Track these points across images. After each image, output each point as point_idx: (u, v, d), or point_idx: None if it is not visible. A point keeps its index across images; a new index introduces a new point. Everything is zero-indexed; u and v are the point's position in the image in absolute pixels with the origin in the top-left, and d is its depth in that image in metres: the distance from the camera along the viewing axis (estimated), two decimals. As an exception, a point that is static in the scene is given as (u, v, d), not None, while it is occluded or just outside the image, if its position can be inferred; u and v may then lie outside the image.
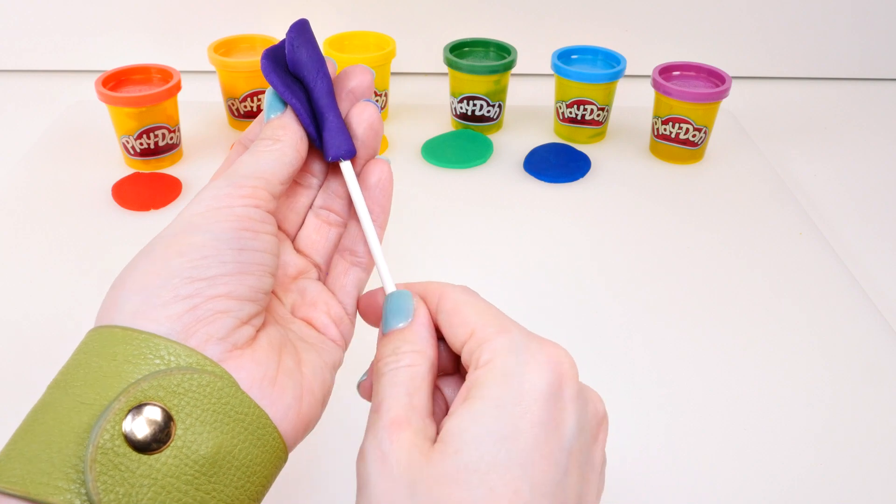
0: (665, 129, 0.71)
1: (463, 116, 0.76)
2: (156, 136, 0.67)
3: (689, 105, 0.69)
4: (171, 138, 0.68)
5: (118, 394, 0.24)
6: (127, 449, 0.23)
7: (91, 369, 0.25)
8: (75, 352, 0.26)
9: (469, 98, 0.74)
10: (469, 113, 0.75)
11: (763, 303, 0.55)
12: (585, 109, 0.73)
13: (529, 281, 0.57)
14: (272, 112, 0.31)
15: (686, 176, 0.70)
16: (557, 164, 0.70)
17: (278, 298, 0.32)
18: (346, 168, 0.32)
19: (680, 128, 0.70)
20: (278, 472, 0.28)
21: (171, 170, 0.68)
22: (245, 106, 0.74)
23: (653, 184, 0.69)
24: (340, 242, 0.34)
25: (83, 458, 0.23)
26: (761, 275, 0.58)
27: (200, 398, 0.25)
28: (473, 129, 0.76)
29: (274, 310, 0.31)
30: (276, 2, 0.84)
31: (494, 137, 0.75)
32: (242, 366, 0.26)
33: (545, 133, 0.77)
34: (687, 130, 0.70)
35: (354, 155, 0.32)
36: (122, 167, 0.69)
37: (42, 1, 0.83)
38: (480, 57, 0.76)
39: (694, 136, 0.70)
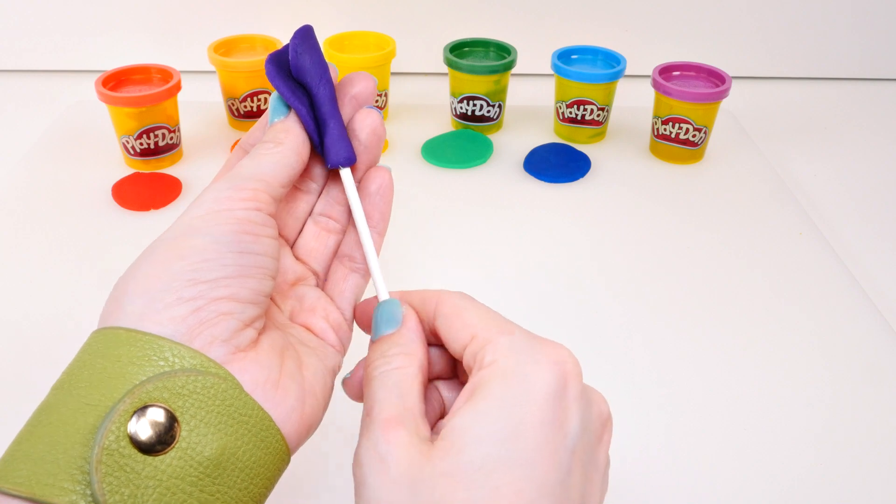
0: (665, 129, 0.71)
1: (463, 116, 0.76)
2: (156, 136, 0.67)
3: (689, 105, 0.69)
4: (171, 138, 0.68)
5: (123, 395, 0.24)
6: (132, 450, 0.23)
7: (95, 371, 0.25)
8: (79, 353, 0.26)
9: (469, 98, 0.74)
10: (469, 113, 0.75)
11: (763, 303, 0.55)
12: (585, 109, 0.73)
13: (529, 281, 0.57)
14: (276, 116, 0.32)
15: (686, 176, 0.70)
16: (557, 164, 0.70)
17: (277, 305, 0.32)
18: (346, 175, 0.32)
19: (680, 128, 0.70)
20: (281, 474, 0.28)
21: (171, 170, 0.68)
22: (245, 106, 0.74)
23: (653, 184, 0.69)
24: (339, 249, 0.34)
25: (88, 460, 0.23)
26: (761, 275, 0.58)
27: (205, 400, 0.25)
28: (473, 129, 0.76)
29: (273, 316, 0.31)
30: (276, 2, 0.84)
31: (494, 137, 0.75)
32: (246, 368, 0.26)
33: (545, 133, 0.77)
34: (687, 130, 0.70)
35: (354, 162, 0.32)
36: (122, 167, 0.69)
37: (42, 1, 0.83)
38: (480, 57, 0.76)
39: (694, 136, 0.70)
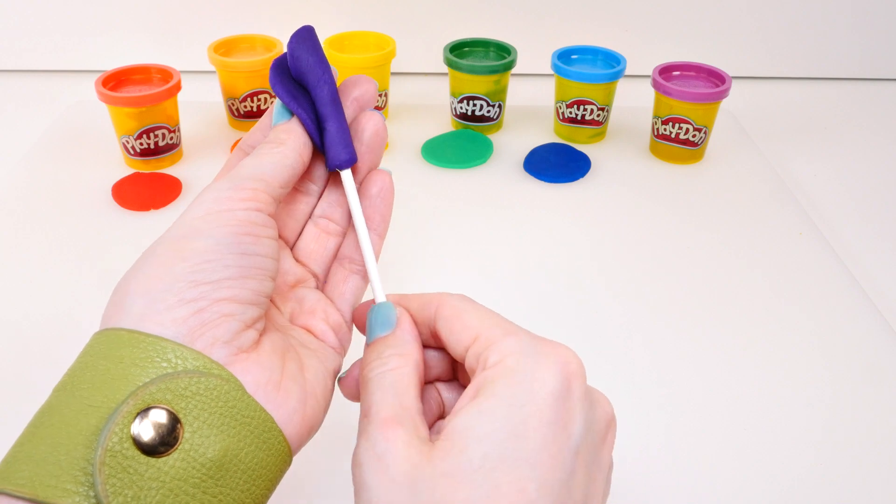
0: (665, 129, 0.71)
1: (463, 116, 0.76)
2: (156, 136, 0.67)
3: (689, 105, 0.69)
4: (171, 138, 0.68)
5: (126, 397, 0.24)
6: (135, 452, 0.23)
7: (98, 372, 0.25)
8: (81, 354, 0.26)
9: (469, 98, 0.74)
10: (469, 113, 0.75)
11: (763, 303, 0.55)
12: (585, 109, 0.73)
13: (529, 281, 0.57)
14: (279, 120, 0.32)
15: (686, 176, 0.70)
16: (557, 164, 0.70)
17: (277, 307, 0.32)
18: (346, 177, 0.32)
19: (680, 128, 0.70)
20: (283, 475, 0.28)
21: (171, 170, 0.68)
22: (245, 106, 0.74)
23: (653, 184, 0.69)
24: (339, 251, 0.34)
25: (91, 461, 0.23)
26: (761, 275, 0.58)
27: (207, 401, 0.25)
28: (473, 129, 0.76)
29: (273, 318, 0.31)
30: (276, 2, 0.84)
31: (494, 137, 0.75)
32: (248, 369, 0.26)
33: (545, 133, 0.77)
34: (687, 130, 0.70)
35: (354, 163, 0.32)
36: (122, 167, 0.69)
37: (42, 1, 0.83)
38: (480, 57, 0.76)
39: (694, 136, 0.70)
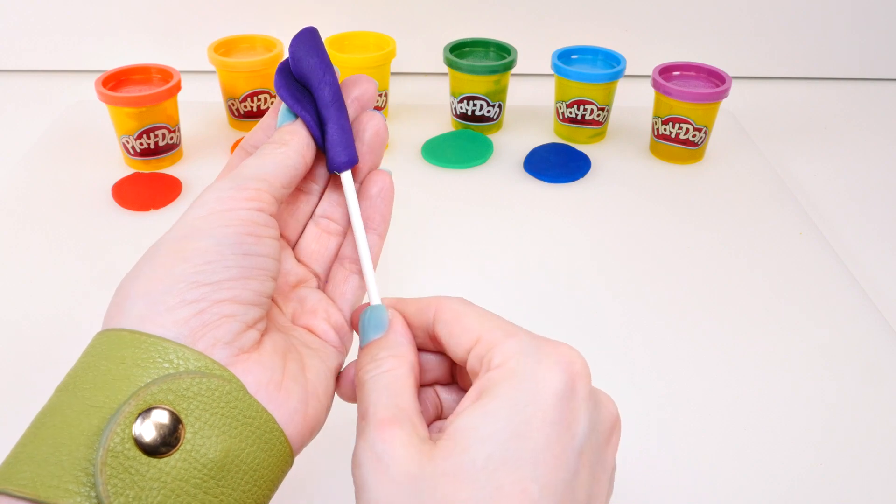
0: (665, 129, 0.71)
1: (463, 116, 0.76)
2: (156, 136, 0.67)
3: (689, 105, 0.69)
4: (171, 138, 0.68)
5: (128, 397, 0.24)
6: (137, 452, 0.23)
7: (100, 372, 0.25)
8: (83, 354, 0.26)
9: (469, 98, 0.74)
10: (469, 113, 0.75)
11: (763, 303, 0.55)
12: (585, 109, 0.73)
13: (529, 281, 0.57)
14: (283, 122, 0.32)
15: (686, 176, 0.70)
16: (557, 164, 0.70)
17: (278, 307, 0.32)
18: (346, 178, 0.32)
19: (680, 128, 0.70)
20: (284, 476, 0.28)
21: (171, 170, 0.68)
22: (245, 106, 0.74)
23: (653, 184, 0.69)
24: (340, 251, 0.34)
25: (93, 462, 0.23)
26: (761, 275, 0.58)
27: (209, 402, 0.25)
28: (473, 129, 0.76)
29: (274, 318, 0.31)
30: (276, 2, 0.84)
31: (494, 137, 0.75)
32: (249, 370, 0.26)
33: (545, 133, 0.77)
34: (687, 130, 0.70)
35: (353, 166, 0.32)
36: (122, 167, 0.69)
37: (42, 1, 0.83)
38: (480, 57, 0.76)
39: (694, 136, 0.70)
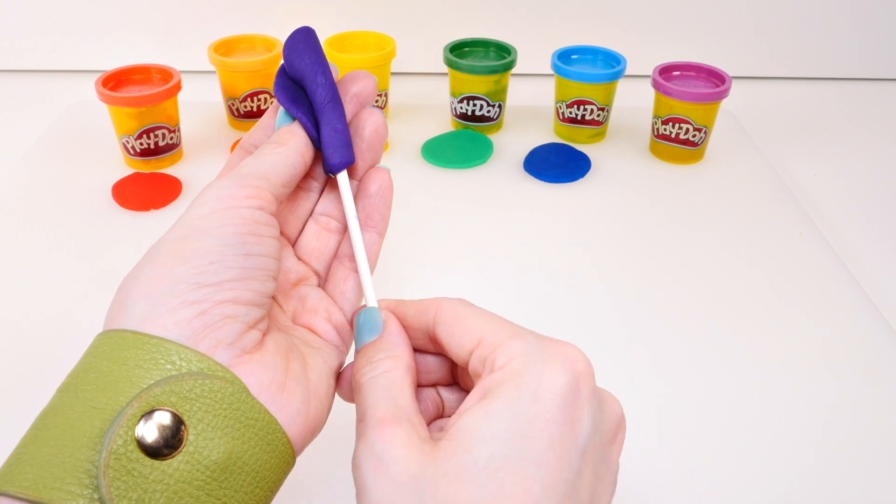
0: (665, 129, 0.71)
1: (463, 116, 0.76)
2: (156, 136, 0.67)
3: (689, 105, 0.69)
4: (171, 138, 0.68)
5: (131, 399, 0.24)
6: (140, 454, 0.23)
7: (102, 373, 0.25)
8: (85, 355, 0.26)
9: (469, 98, 0.74)
10: (469, 113, 0.75)
11: (763, 303, 0.55)
12: (585, 109, 0.73)
13: (529, 281, 0.56)
14: (282, 123, 0.32)
15: (686, 176, 0.70)
16: (557, 164, 0.70)
17: (279, 305, 0.32)
18: (341, 180, 0.32)
19: (680, 128, 0.70)
20: (286, 477, 0.28)
21: (171, 170, 0.68)
22: (245, 106, 0.74)
23: (653, 184, 0.69)
24: (340, 248, 0.34)
25: (96, 463, 0.23)
26: (761, 275, 0.58)
27: (212, 404, 0.25)
28: (473, 129, 0.76)
29: (276, 317, 0.31)
30: (276, 2, 0.84)
31: (494, 137, 0.75)
32: (251, 370, 0.26)
33: (545, 133, 0.77)
34: (687, 130, 0.70)
35: (348, 166, 0.32)
36: (122, 167, 0.69)
37: (42, 1, 0.83)
38: (480, 57, 0.76)
39: (694, 136, 0.70)
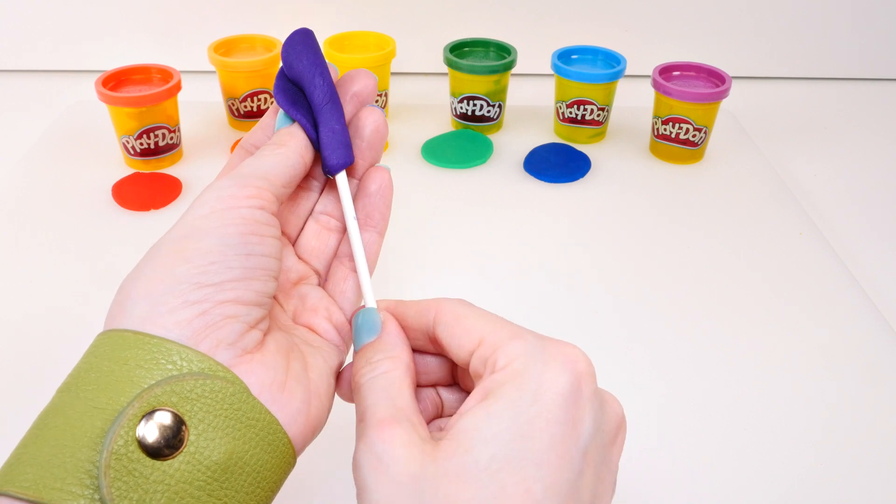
0: (665, 129, 0.71)
1: (463, 116, 0.76)
2: (156, 136, 0.67)
3: (689, 105, 0.69)
4: (171, 138, 0.68)
5: (132, 399, 0.24)
6: (141, 455, 0.23)
7: (102, 373, 0.25)
8: (85, 355, 0.26)
9: (469, 98, 0.74)
10: (469, 113, 0.75)
11: (763, 303, 0.55)
12: (585, 109, 0.73)
13: (529, 281, 0.56)
14: (282, 125, 0.32)
15: (686, 176, 0.70)
16: (557, 164, 0.70)
17: (280, 305, 0.32)
18: (340, 180, 0.32)
19: (680, 128, 0.70)
20: (287, 477, 0.28)
21: (171, 170, 0.68)
22: (245, 106, 0.74)
23: (653, 184, 0.69)
24: (340, 248, 0.34)
25: (97, 464, 0.23)
26: (761, 275, 0.58)
27: (213, 404, 0.25)
28: (473, 129, 0.76)
29: (276, 317, 0.31)
30: (276, 2, 0.84)
31: (494, 137, 0.75)
32: (252, 370, 0.26)
33: (545, 133, 0.77)
34: (687, 130, 0.70)
35: (346, 167, 0.32)
36: (122, 167, 0.69)
37: (42, 1, 0.83)
38: (480, 57, 0.76)
39: (694, 136, 0.70)
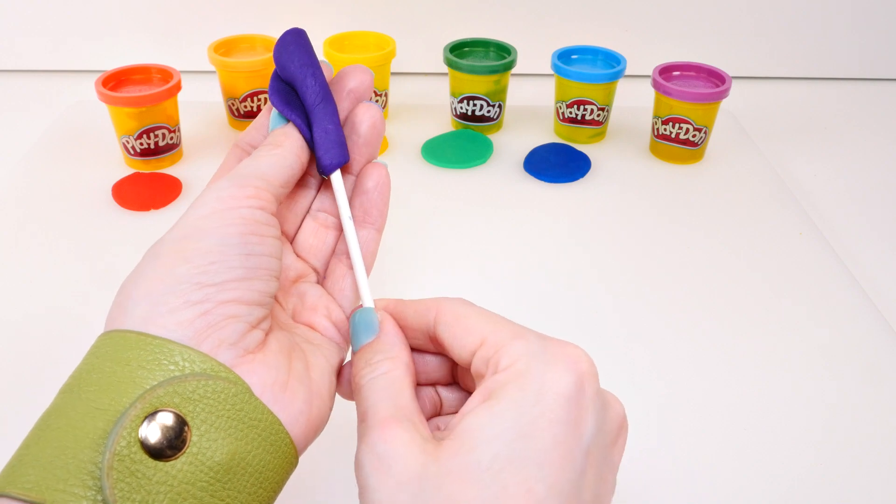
0: (665, 129, 0.71)
1: (463, 116, 0.76)
2: (156, 136, 0.67)
3: (689, 105, 0.69)
4: (171, 138, 0.68)
5: (134, 400, 0.24)
6: (143, 456, 0.23)
7: (104, 374, 0.25)
8: (87, 356, 0.26)
9: (469, 98, 0.74)
10: (469, 113, 0.75)
11: (763, 303, 0.55)
12: (585, 109, 0.73)
13: (529, 281, 0.57)
14: (275, 125, 0.32)
15: (686, 176, 0.70)
16: (557, 164, 0.70)
17: (279, 303, 0.32)
18: (335, 180, 0.32)
19: (680, 128, 0.70)
20: (289, 477, 0.28)
21: (171, 170, 0.68)
22: (245, 106, 0.74)
23: (653, 184, 0.69)
24: (338, 245, 0.34)
25: (99, 465, 0.23)
26: (761, 275, 0.58)
27: (215, 405, 0.25)
28: (473, 129, 0.76)
29: (276, 315, 0.31)
30: (276, 2, 0.84)
31: (494, 137, 0.75)
32: (254, 370, 0.26)
33: (545, 133, 0.77)
34: (687, 130, 0.70)
35: (341, 166, 0.32)
36: (122, 167, 0.69)
37: (42, 1, 0.83)
38: (480, 57, 0.76)
39: (694, 136, 0.70)
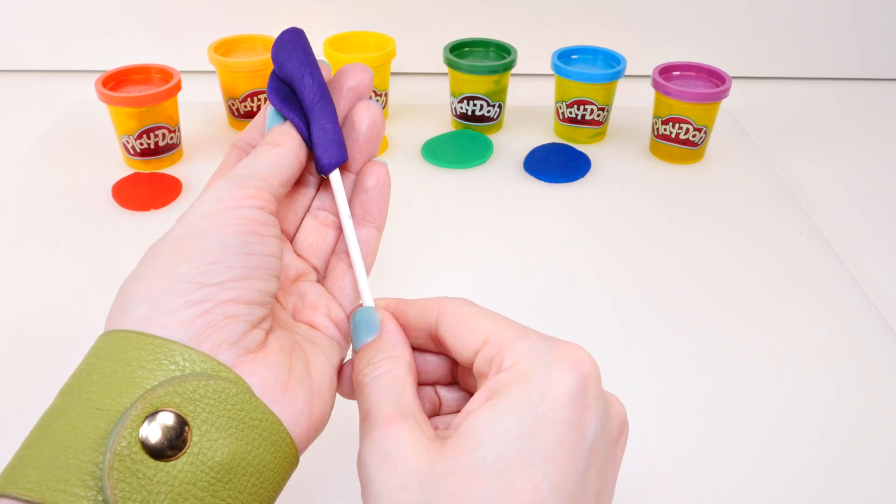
0: (665, 129, 0.71)
1: (463, 116, 0.76)
2: (156, 136, 0.67)
3: (689, 105, 0.69)
4: (171, 138, 0.68)
5: (134, 400, 0.24)
6: (144, 456, 0.23)
7: (105, 374, 0.25)
8: (87, 356, 0.26)
9: (469, 98, 0.74)
10: (469, 113, 0.75)
11: (763, 303, 0.55)
12: (585, 109, 0.73)
13: (529, 281, 0.57)
14: (272, 124, 0.32)
15: (686, 176, 0.70)
16: (557, 164, 0.70)
17: (279, 302, 0.32)
18: (333, 179, 0.32)
19: (680, 128, 0.70)
20: (290, 476, 0.28)
21: (171, 170, 0.68)
22: (245, 106, 0.74)
23: (653, 184, 0.69)
24: (338, 244, 0.34)
25: (100, 465, 0.23)
26: (761, 275, 0.58)
27: (216, 405, 0.25)
28: (473, 129, 0.76)
29: (277, 314, 0.31)
30: (276, 2, 0.84)
31: (494, 137, 0.75)
32: (255, 370, 0.26)
33: (545, 133, 0.77)
34: (687, 130, 0.70)
35: (339, 165, 0.32)
36: (122, 167, 0.69)
37: (42, 1, 0.83)
38: (480, 57, 0.76)
39: (694, 136, 0.70)
